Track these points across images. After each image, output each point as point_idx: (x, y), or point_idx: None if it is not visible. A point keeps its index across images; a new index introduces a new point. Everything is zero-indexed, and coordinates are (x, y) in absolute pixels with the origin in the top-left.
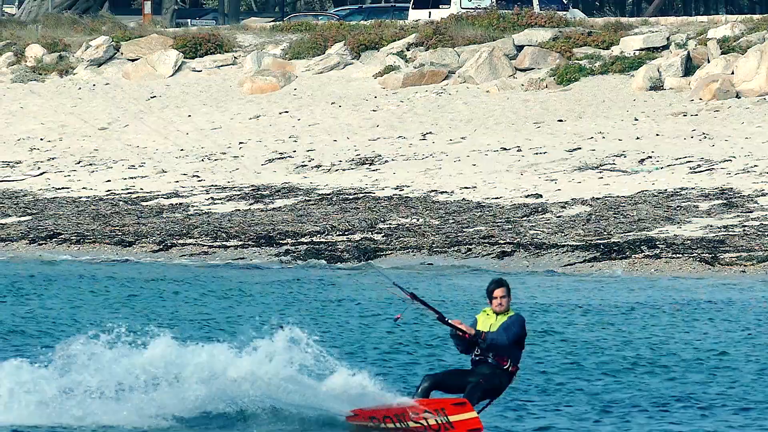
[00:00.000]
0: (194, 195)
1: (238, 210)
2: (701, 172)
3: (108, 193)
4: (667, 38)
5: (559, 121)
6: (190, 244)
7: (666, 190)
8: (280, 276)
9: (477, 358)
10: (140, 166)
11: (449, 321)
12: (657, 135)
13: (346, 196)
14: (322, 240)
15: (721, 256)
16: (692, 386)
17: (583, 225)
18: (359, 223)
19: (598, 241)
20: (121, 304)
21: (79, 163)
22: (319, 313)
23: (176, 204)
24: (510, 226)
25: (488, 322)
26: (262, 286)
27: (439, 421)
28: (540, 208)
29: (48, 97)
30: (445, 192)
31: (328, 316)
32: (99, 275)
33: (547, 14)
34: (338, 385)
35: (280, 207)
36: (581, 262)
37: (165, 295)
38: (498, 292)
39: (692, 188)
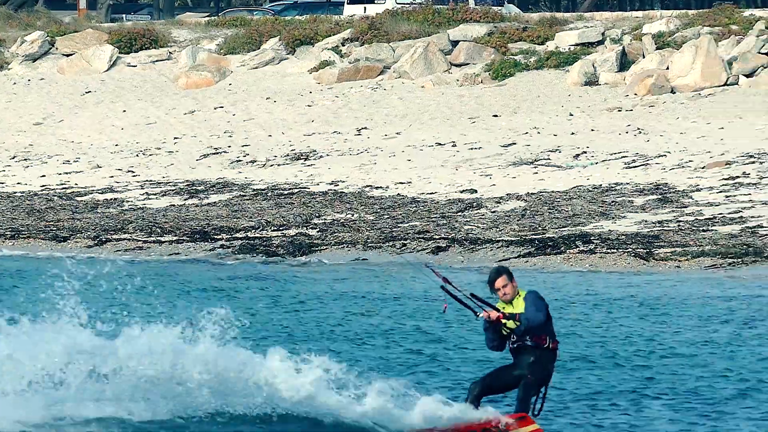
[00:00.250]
0: (129, 190)
1: (173, 205)
2: (636, 167)
3: (43, 188)
4: (602, 33)
5: (494, 116)
6: (124, 239)
7: (601, 185)
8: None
9: (515, 345)
10: (75, 161)
11: (481, 311)
12: (592, 130)
13: (281, 192)
14: (257, 235)
15: (656, 252)
16: (629, 381)
17: (517, 220)
18: (294, 218)
19: (533, 237)
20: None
21: (13, 158)
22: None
23: (111, 199)
24: (445, 222)
25: (510, 308)
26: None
27: None
28: (475, 204)
29: None
30: (380, 187)
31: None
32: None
33: (482, 9)
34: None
35: (214, 202)
36: (516, 257)
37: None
38: (500, 282)
39: (627, 183)
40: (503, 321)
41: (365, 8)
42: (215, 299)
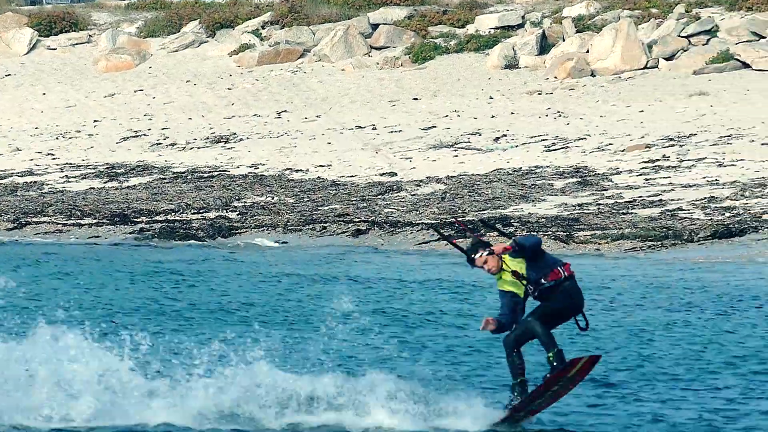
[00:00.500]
0: (49, 173)
1: (93, 188)
2: (556, 150)
3: None
4: (522, 17)
5: (414, 99)
6: (44, 222)
7: (521, 168)
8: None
9: (537, 294)
10: None
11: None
12: (512, 113)
13: (201, 175)
14: (177, 218)
15: (576, 234)
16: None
17: (437, 203)
18: (214, 201)
19: (453, 220)
20: None
21: None
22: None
23: (31, 182)
24: (365, 205)
25: (508, 275)
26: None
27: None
28: (395, 187)
29: None
30: (300, 170)
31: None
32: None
33: None
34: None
35: (134, 185)
36: (436, 241)
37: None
38: (479, 260)
39: (547, 166)
40: (503, 257)
41: None
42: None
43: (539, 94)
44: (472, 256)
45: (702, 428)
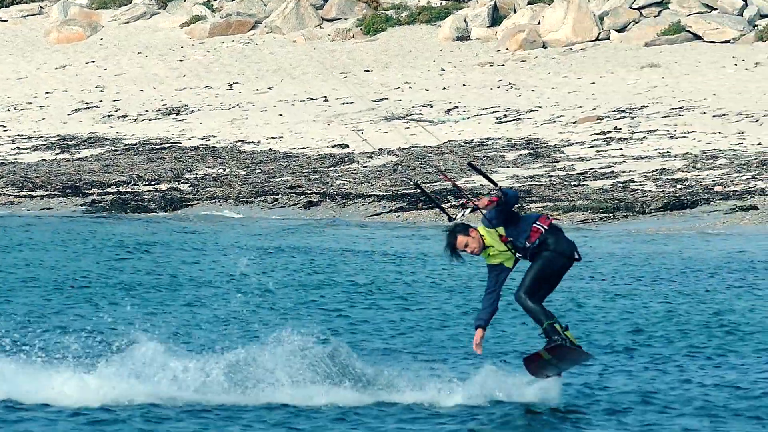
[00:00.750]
0: (0, 145)
1: (44, 160)
2: (508, 122)
3: None
4: None
5: (365, 71)
6: None
7: (472, 140)
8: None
9: (528, 256)
10: None
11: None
12: (463, 85)
13: (153, 146)
14: (129, 190)
15: (527, 206)
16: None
17: (389, 175)
18: (166, 173)
19: (405, 191)
20: None
21: None
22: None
23: None
24: (317, 176)
25: (493, 249)
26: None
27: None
28: (347, 158)
29: None
30: (252, 142)
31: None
32: None
33: None
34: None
35: (86, 157)
36: (388, 212)
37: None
38: (460, 242)
39: (499, 138)
40: (482, 234)
41: None
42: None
43: (491, 66)
44: (454, 239)
45: (639, 398)
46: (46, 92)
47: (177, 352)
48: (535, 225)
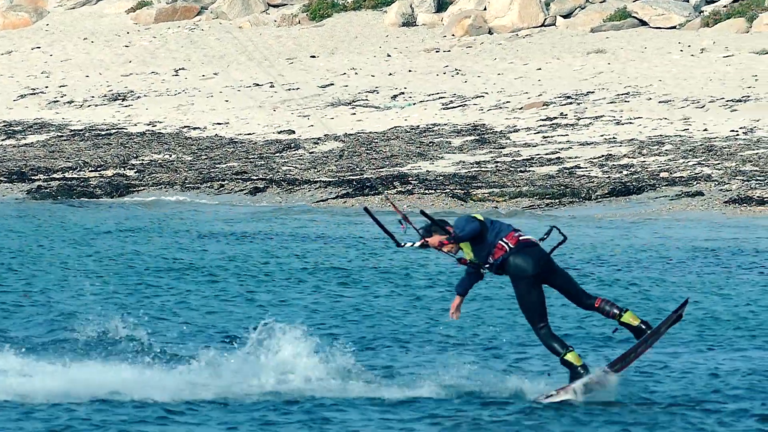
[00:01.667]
0: None
1: None
2: (454, 108)
3: None
4: None
5: (311, 57)
6: None
7: (419, 126)
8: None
9: (495, 270)
10: None
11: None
12: (410, 71)
13: (99, 132)
14: (75, 176)
15: (474, 192)
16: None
17: (335, 161)
18: (112, 159)
19: (351, 177)
20: None
21: None
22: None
23: None
24: (263, 162)
25: (466, 249)
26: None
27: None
28: (293, 144)
29: None
30: (198, 128)
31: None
32: None
33: None
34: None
35: (32, 143)
36: (334, 198)
37: None
38: (433, 241)
39: (445, 124)
40: (447, 246)
41: None
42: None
43: (437, 51)
44: (429, 236)
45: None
46: None
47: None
48: (500, 242)
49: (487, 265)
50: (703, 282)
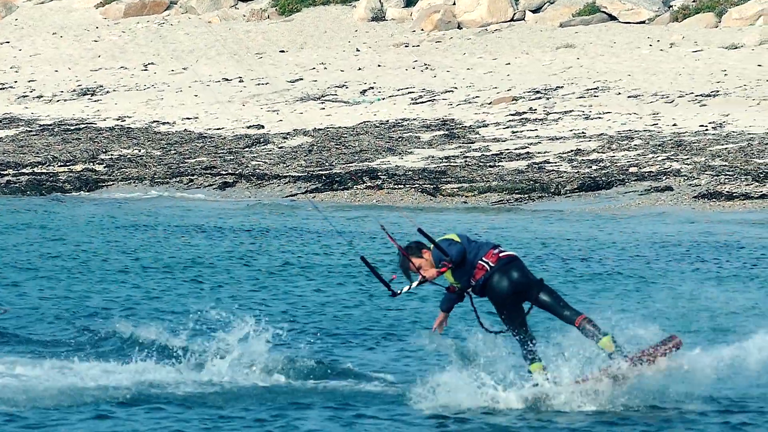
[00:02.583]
0: None
1: None
2: (423, 103)
3: None
4: None
5: (281, 52)
6: None
7: (388, 121)
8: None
9: (477, 291)
10: None
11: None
12: (379, 66)
13: (68, 127)
14: (44, 171)
15: (443, 187)
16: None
17: (305, 156)
18: (81, 153)
19: (321, 172)
20: None
21: None
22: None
23: None
24: (232, 157)
25: (447, 276)
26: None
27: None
28: (262, 139)
29: None
30: (167, 123)
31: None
32: None
33: None
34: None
35: (1, 138)
36: (303, 193)
37: None
38: (416, 262)
39: (414, 119)
40: (441, 274)
41: None
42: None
43: (406, 46)
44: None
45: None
46: None
47: None
48: (480, 262)
49: (470, 288)
50: (668, 276)
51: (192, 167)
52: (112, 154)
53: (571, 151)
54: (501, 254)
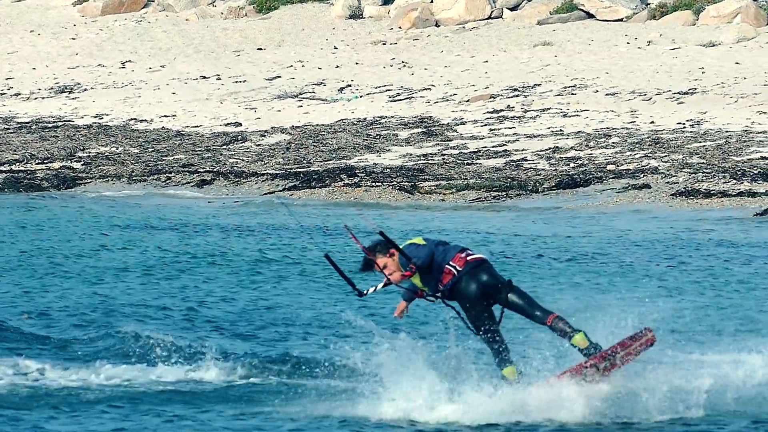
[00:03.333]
0: None
1: None
2: (401, 100)
3: None
4: None
5: (258, 49)
6: None
7: (365, 118)
8: None
9: (447, 293)
10: None
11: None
12: (356, 63)
13: (46, 125)
14: (22, 168)
15: (421, 185)
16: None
17: (282, 153)
18: (59, 151)
19: (298, 170)
20: None
21: None
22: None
23: None
24: (210, 155)
25: (414, 280)
26: None
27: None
28: (240, 137)
29: None
30: (145, 120)
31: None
32: None
33: None
34: None
35: None
36: (281, 191)
37: None
38: (380, 262)
39: (392, 117)
40: (407, 278)
41: None
42: None
43: (384, 44)
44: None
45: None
46: None
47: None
48: (447, 266)
49: (438, 293)
50: (643, 275)
51: (170, 165)
52: (89, 152)
53: (549, 148)
54: (469, 257)
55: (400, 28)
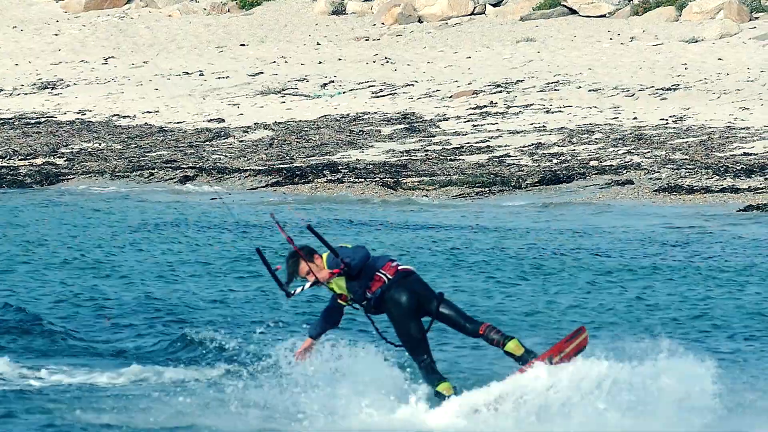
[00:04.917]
0: None
1: None
2: (383, 96)
3: None
4: None
5: (241, 45)
6: None
7: (348, 114)
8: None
9: (372, 303)
10: None
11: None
12: (339, 59)
13: (28, 121)
14: (4, 164)
15: (404, 181)
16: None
17: (265, 149)
18: (41, 147)
19: (281, 166)
20: None
21: None
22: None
23: None
24: (193, 151)
25: (340, 284)
26: None
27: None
28: (223, 133)
29: None
30: (128, 116)
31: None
32: None
33: None
34: None
35: None
36: (264, 187)
37: None
38: (303, 269)
39: (375, 113)
40: (332, 278)
41: None
42: None
43: (366, 40)
44: (296, 266)
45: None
46: None
47: None
48: (378, 273)
49: (364, 302)
50: (627, 270)
51: (152, 161)
52: (72, 148)
53: (532, 144)
54: (399, 267)
55: (383, 24)
